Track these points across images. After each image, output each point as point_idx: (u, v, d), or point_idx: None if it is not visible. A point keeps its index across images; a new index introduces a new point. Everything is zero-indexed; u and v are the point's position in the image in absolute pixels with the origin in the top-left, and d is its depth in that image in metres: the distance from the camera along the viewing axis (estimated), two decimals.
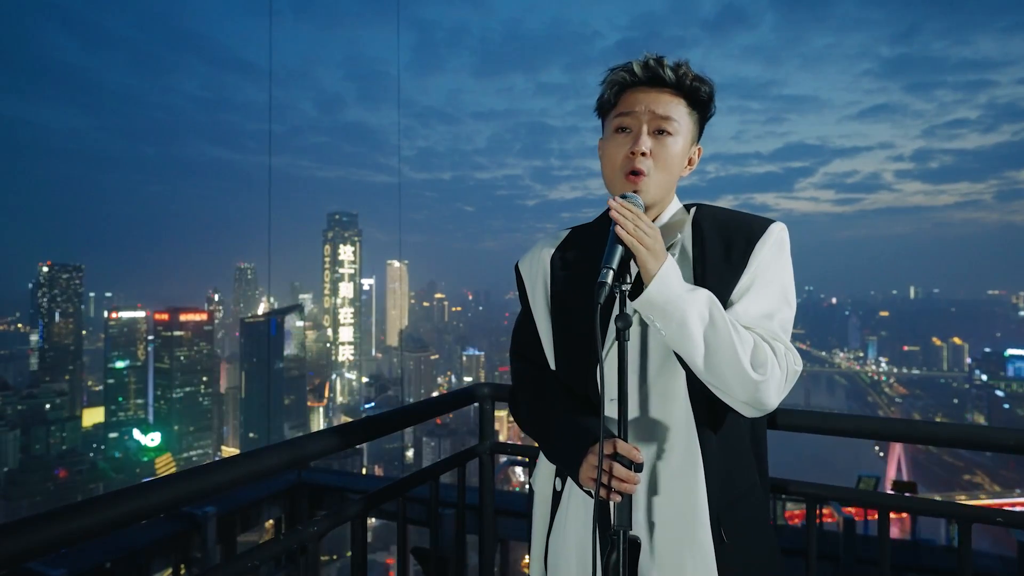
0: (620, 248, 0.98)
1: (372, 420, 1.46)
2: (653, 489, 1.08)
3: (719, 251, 1.08)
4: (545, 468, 1.26)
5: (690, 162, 1.16)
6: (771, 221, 1.09)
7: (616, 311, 1.02)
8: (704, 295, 0.99)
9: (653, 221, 1.13)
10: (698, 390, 1.05)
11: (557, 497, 1.21)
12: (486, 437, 1.87)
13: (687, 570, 1.05)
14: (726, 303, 1.05)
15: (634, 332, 1.10)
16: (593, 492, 1.04)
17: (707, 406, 1.06)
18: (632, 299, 1.00)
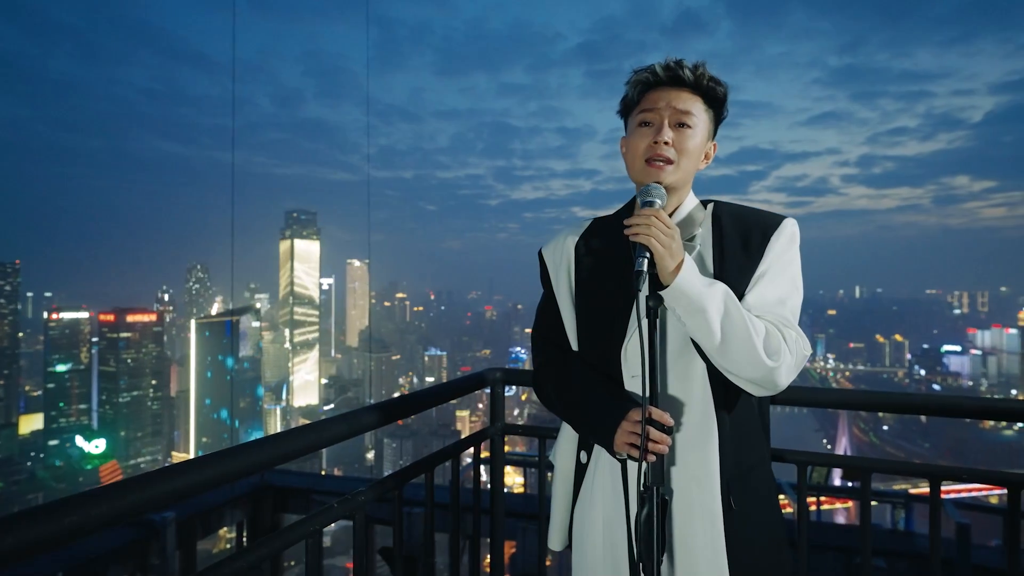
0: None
1: (387, 404, 1.52)
2: (670, 459, 1.18)
3: (737, 243, 1.20)
4: (566, 444, 1.34)
5: (707, 156, 1.27)
6: (784, 217, 1.22)
7: (646, 292, 1.15)
8: (721, 288, 1.09)
9: (673, 212, 1.24)
10: (716, 371, 1.16)
11: (582, 470, 1.30)
12: (497, 419, 1.97)
13: (697, 533, 1.15)
14: (744, 290, 1.16)
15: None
16: (628, 456, 1.16)
17: (724, 386, 1.17)
18: (658, 289, 1.10)
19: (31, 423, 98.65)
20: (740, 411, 1.20)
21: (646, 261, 1.08)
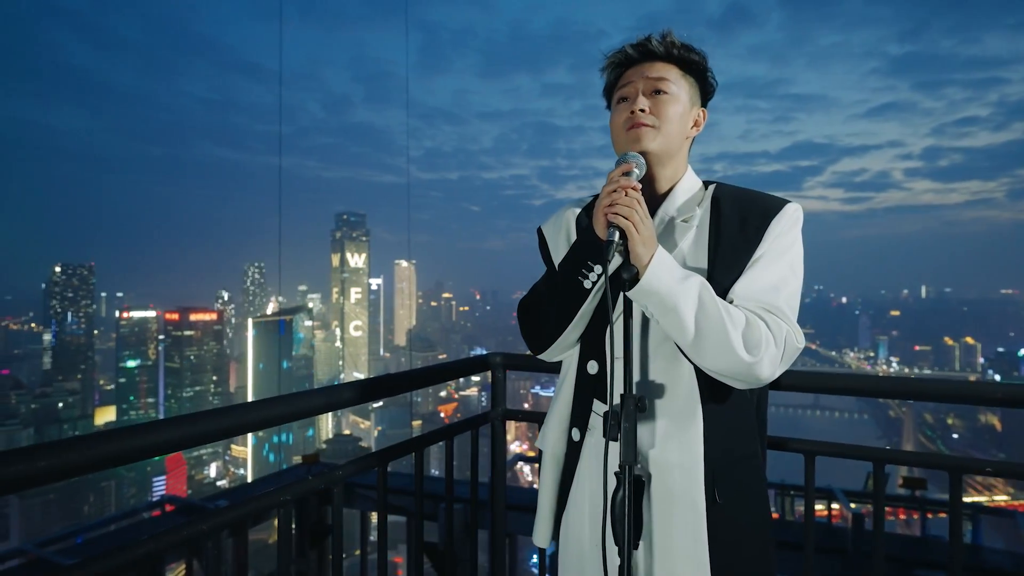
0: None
1: (393, 377, 1.55)
2: (650, 444, 1.12)
3: (735, 225, 1.13)
4: (556, 424, 1.28)
5: (696, 123, 1.21)
6: (787, 201, 1.15)
7: (617, 263, 1.11)
8: (696, 282, 1.03)
9: (670, 190, 1.19)
10: None
11: (574, 450, 1.24)
12: (498, 404, 1.95)
13: (677, 524, 1.09)
14: (739, 274, 1.10)
15: None
16: (611, 228, 1.05)
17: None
18: (625, 291, 1.06)
19: (105, 415, 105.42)
20: (732, 399, 1.13)
21: (618, 231, 1.04)
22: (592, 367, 1.20)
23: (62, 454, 0.91)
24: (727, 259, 1.11)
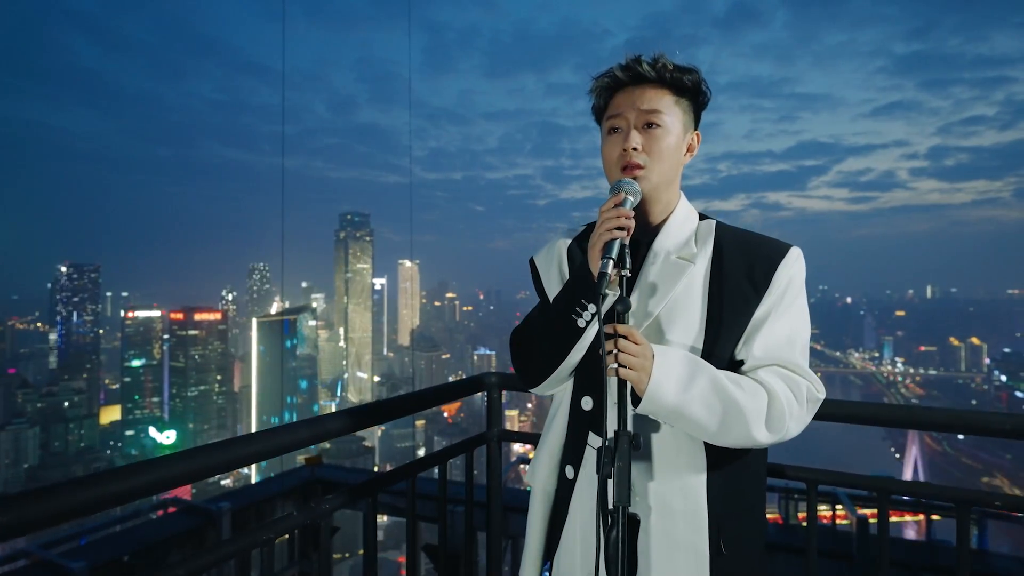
0: (617, 243, 1.01)
1: (383, 404, 1.51)
2: (652, 487, 1.08)
3: (740, 270, 1.10)
4: (547, 459, 1.22)
5: (689, 148, 1.18)
6: (790, 245, 1.12)
7: (614, 298, 1.07)
8: (705, 380, 1.00)
9: (663, 222, 1.15)
10: None
11: (568, 488, 1.18)
12: (494, 424, 1.91)
13: (680, 574, 1.05)
14: (747, 322, 1.07)
15: (641, 330, 1.10)
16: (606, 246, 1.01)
17: None
18: (635, 406, 1.02)
19: (110, 414, 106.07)
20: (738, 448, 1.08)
21: (611, 263, 1.00)
22: (587, 403, 1.16)
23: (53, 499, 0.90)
24: (734, 303, 1.07)
